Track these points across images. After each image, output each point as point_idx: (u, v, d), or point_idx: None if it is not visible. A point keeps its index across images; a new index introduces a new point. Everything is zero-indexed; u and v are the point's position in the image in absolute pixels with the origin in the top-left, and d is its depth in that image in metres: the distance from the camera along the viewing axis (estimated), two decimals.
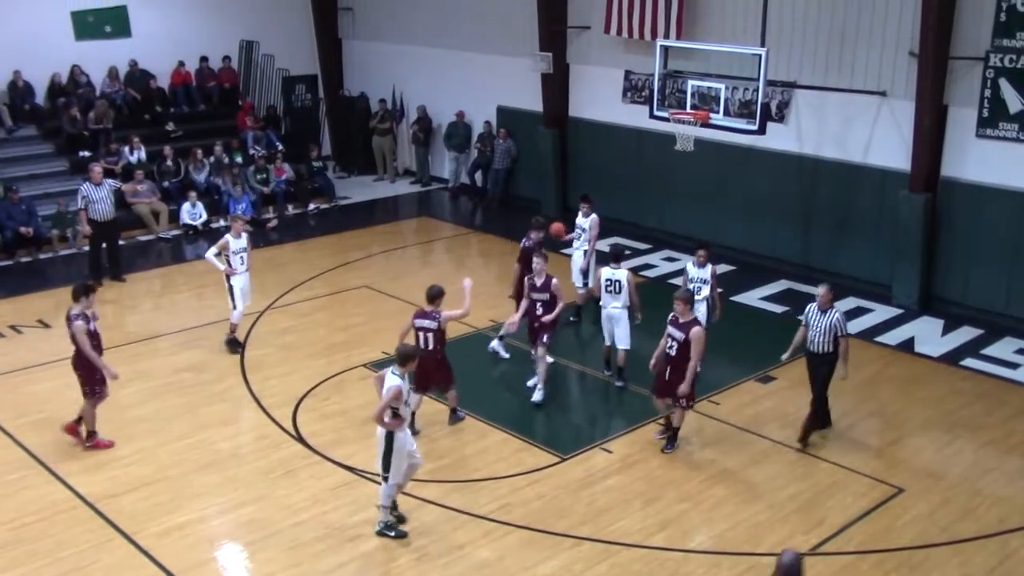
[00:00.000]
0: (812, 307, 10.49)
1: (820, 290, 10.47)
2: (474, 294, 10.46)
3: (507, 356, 12.89)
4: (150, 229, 18.46)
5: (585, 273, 13.79)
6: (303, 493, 9.68)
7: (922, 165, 14.40)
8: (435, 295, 10.52)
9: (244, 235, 13.04)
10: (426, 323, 10.47)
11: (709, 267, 11.99)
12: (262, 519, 9.25)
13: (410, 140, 22.59)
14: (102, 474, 9.99)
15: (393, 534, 8.93)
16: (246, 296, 13.17)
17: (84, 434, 10.50)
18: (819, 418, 10.79)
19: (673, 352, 10.17)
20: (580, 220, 14.04)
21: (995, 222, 14.04)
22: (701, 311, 11.59)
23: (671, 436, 10.56)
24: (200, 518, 9.29)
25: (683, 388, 10.10)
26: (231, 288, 12.96)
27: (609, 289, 11.71)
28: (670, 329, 10.23)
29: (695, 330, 10.03)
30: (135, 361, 12.71)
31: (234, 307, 13.00)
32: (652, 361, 10.52)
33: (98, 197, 15.61)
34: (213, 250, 12.96)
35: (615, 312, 11.73)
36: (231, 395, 11.87)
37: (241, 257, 12.95)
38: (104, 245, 15.85)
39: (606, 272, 11.77)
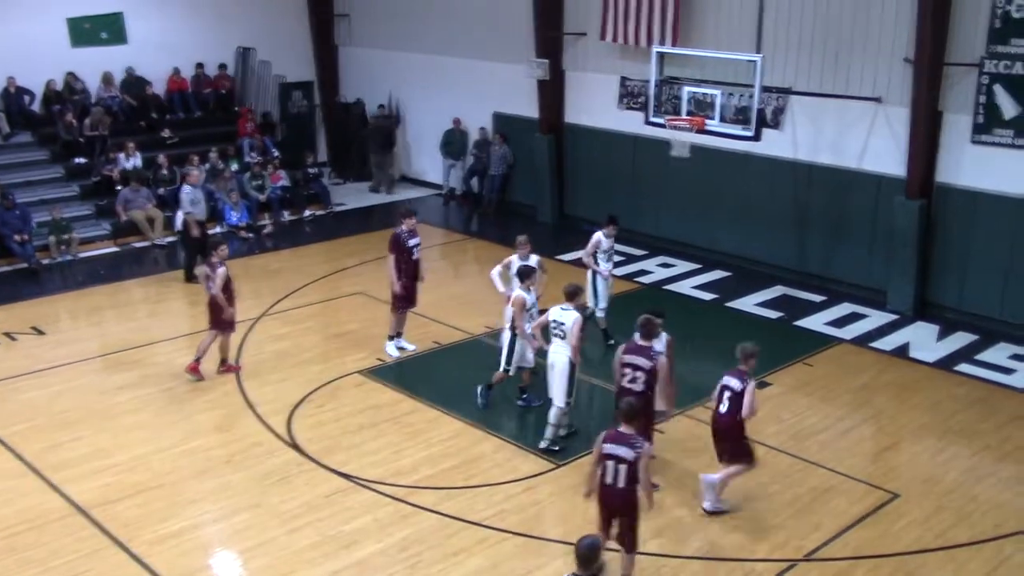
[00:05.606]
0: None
1: None
2: (470, 300, 10.40)
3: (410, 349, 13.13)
4: (145, 236, 18.44)
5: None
6: (298, 500, 9.66)
7: (917, 171, 14.42)
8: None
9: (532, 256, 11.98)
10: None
11: (663, 337, 9.99)
12: (256, 526, 9.22)
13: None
14: (96, 482, 9.96)
15: (557, 447, 10.43)
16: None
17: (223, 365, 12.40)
18: None
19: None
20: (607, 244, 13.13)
21: (990, 228, 14.05)
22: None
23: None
24: (194, 525, 9.27)
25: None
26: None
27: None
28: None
29: (661, 359, 9.47)
30: (130, 368, 12.70)
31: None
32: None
33: (199, 199, 16.20)
34: (497, 268, 12.14)
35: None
36: (226, 402, 11.84)
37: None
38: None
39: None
